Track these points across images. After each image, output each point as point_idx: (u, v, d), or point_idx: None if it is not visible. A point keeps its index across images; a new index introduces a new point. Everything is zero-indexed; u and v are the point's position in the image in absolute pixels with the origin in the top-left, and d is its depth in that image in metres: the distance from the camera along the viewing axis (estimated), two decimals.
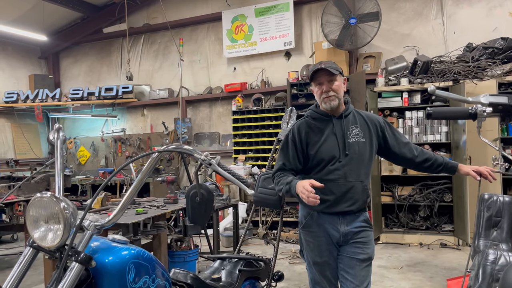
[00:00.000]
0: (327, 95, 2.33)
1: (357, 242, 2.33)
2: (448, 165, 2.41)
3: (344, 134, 2.35)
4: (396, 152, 2.44)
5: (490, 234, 2.45)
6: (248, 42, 7.75)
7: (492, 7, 6.35)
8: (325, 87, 2.33)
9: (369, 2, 6.39)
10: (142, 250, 1.54)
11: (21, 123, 8.98)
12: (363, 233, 2.35)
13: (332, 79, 2.33)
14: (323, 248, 2.37)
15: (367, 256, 2.33)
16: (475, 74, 5.70)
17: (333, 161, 2.32)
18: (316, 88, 2.39)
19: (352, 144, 2.34)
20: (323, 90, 2.34)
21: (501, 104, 1.71)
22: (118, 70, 9.15)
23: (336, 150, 2.32)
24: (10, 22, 7.94)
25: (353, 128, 2.37)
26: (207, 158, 1.47)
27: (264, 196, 2.86)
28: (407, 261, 5.12)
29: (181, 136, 8.08)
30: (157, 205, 4.24)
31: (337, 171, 2.31)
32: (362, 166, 2.35)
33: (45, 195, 1.36)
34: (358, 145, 2.34)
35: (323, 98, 2.35)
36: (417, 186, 6.08)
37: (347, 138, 2.34)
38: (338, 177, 2.31)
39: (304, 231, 2.45)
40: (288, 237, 6.26)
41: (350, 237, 2.34)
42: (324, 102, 2.35)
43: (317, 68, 2.34)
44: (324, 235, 2.36)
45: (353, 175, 2.32)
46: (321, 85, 2.35)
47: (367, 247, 2.35)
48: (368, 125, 2.41)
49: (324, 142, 2.35)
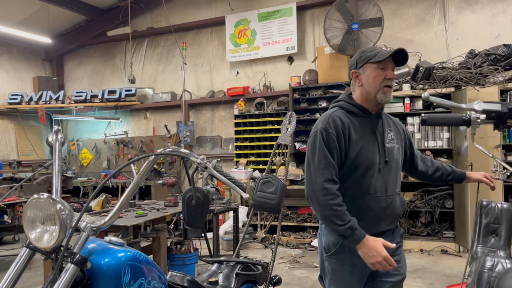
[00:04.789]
0: (391, 83, 1.91)
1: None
2: (456, 173, 2.19)
3: (383, 137, 1.96)
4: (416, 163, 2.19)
5: (488, 241, 2.45)
6: (251, 46, 7.78)
7: (495, 14, 6.35)
8: (391, 73, 1.90)
9: (372, 7, 6.41)
10: (138, 252, 1.55)
11: (24, 124, 9.03)
12: (397, 250, 2.03)
13: (394, 69, 1.92)
14: (354, 280, 1.96)
15: (401, 278, 2.02)
16: (477, 80, 5.70)
17: (373, 168, 1.90)
18: (376, 72, 1.89)
19: (389, 150, 1.97)
20: (386, 76, 1.89)
21: (494, 111, 1.71)
22: (122, 73, 9.20)
23: (376, 155, 1.91)
24: (16, 24, 8.02)
25: (389, 132, 2.01)
26: (203, 162, 1.48)
27: (263, 200, 2.87)
28: (408, 267, 5.05)
29: (183, 139, 8.10)
30: (157, 208, 4.26)
31: (377, 182, 1.91)
32: (399, 176, 2.04)
33: (42, 197, 1.37)
34: (394, 151, 1.99)
35: (383, 86, 1.90)
36: (418, 192, 6.07)
37: (385, 142, 1.96)
38: (378, 190, 1.91)
39: (331, 259, 1.98)
40: (289, 242, 6.26)
41: None
42: (383, 92, 1.90)
43: (398, 49, 1.87)
44: (358, 264, 1.88)
45: (393, 186, 1.97)
46: (384, 70, 1.89)
47: (402, 266, 2.03)
48: (399, 130, 2.09)
49: (366, 145, 1.90)
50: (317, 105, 6.86)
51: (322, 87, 6.85)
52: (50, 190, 5.97)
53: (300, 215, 6.69)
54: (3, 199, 4.77)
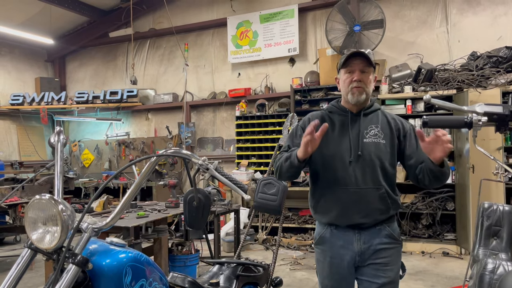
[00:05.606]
0: (357, 84, 2.03)
1: (377, 264, 2.02)
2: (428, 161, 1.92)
3: (360, 132, 2.06)
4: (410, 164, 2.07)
5: (489, 243, 2.45)
6: (252, 48, 7.79)
7: (497, 16, 6.35)
8: (357, 75, 2.02)
9: (373, 9, 6.41)
10: (140, 253, 1.55)
11: (26, 125, 9.05)
12: (384, 252, 2.02)
13: (365, 70, 2.04)
14: (334, 271, 2.09)
15: (387, 280, 2.01)
16: (479, 82, 5.69)
17: (341, 161, 2.03)
18: (345, 76, 2.07)
19: (367, 145, 2.04)
20: (353, 78, 2.03)
21: (496, 113, 1.70)
22: (123, 74, 9.22)
23: (345, 149, 2.04)
24: (18, 25, 8.04)
25: (372, 128, 2.08)
26: (205, 163, 1.48)
27: (264, 201, 2.87)
28: (409, 269, 5.10)
29: (185, 141, 8.11)
30: (159, 209, 4.26)
31: (347, 175, 2.01)
32: (381, 170, 2.03)
33: (44, 197, 1.37)
34: (375, 146, 2.04)
35: (351, 87, 2.04)
36: (420, 194, 6.06)
37: (363, 138, 2.05)
38: (349, 182, 2.01)
39: (316, 249, 2.19)
40: (290, 243, 6.25)
41: (368, 257, 2.03)
42: (352, 93, 2.04)
43: (353, 52, 2.04)
44: (336, 256, 2.06)
45: (367, 180, 2.01)
46: (352, 73, 2.04)
47: (389, 268, 2.02)
48: (391, 126, 2.11)
49: (336, 139, 2.07)
50: (319, 107, 6.85)
51: (324, 89, 6.85)
52: (51, 191, 5.98)
53: (301, 217, 6.68)
54: (5, 200, 4.78)
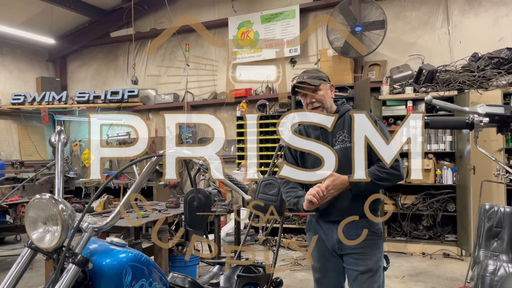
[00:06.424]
0: (312, 106, 2.30)
1: (357, 254, 2.23)
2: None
3: (330, 142, 2.29)
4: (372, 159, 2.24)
5: (490, 245, 2.44)
6: (253, 48, 7.79)
7: (499, 17, 6.34)
8: (309, 98, 2.30)
9: (375, 10, 6.40)
10: (140, 253, 1.55)
11: (27, 125, 9.05)
12: (362, 243, 2.22)
13: (316, 89, 2.29)
14: (320, 254, 2.37)
15: (366, 268, 2.22)
16: (480, 84, 5.69)
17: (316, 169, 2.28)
18: (302, 99, 2.36)
19: (337, 151, 2.25)
20: (307, 101, 2.32)
21: (497, 114, 1.70)
22: (124, 74, 9.23)
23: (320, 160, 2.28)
24: (19, 25, 8.04)
25: (340, 134, 2.28)
26: (205, 163, 1.48)
27: (264, 202, 2.86)
28: (409, 271, 5.09)
29: (185, 141, 8.10)
30: (159, 209, 4.25)
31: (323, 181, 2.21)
32: (350, 173, 2.19)
33: (44, 197, 1.37)
34: (342, 151, 2.24)
35: (310, 109, 2.33)
36: (421, 195, 6.05)
37: (333, 146, 2.27)
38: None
39: (307, 234, 2.48)
40: (290, 244, 6.25)
41: (347, 247, 2.25)
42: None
43: (297, 82, 2.31)
44: (320, 241, 2.36)
45: None
46: (305, 97, 2.32)
47: (367, 258, 2.23)
48: (354, 126, 2.28)
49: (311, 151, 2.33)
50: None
51: None
52: (52, 191, 5.98)
53: (301, 218, 6.67)
54: (5, 199, 4.79)
